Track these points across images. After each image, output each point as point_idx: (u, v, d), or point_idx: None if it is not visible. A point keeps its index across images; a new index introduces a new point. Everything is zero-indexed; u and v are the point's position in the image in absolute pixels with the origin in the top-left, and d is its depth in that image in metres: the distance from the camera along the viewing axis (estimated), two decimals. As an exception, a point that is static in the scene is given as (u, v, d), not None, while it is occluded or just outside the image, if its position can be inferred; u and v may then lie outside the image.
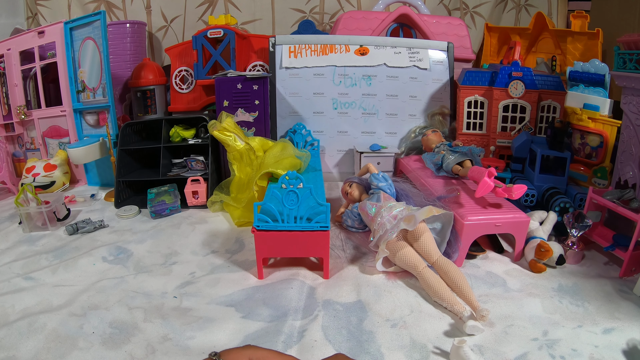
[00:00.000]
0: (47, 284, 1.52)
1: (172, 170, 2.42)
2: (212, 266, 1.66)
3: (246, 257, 1.73)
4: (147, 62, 2.97)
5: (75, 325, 1.29)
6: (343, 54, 2.67)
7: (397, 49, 2.68)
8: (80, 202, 2.38)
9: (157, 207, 2.12)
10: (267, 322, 1.32)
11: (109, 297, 1.44)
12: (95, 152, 2.42)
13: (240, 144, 2.11)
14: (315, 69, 2.66)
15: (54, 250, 1.79)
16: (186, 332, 1.27)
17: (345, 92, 2.68)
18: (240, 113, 2.43)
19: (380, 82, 2.68)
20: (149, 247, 1.82)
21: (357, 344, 1.22)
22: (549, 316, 1.35)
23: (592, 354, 1.17)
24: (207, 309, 1.39)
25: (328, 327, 1.30)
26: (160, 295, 1.46)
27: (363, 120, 2.70)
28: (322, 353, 1.17)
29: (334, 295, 1.46)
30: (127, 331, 1.27)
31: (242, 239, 1.90)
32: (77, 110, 2.62)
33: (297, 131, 2.60)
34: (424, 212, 1.55)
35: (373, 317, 1.35)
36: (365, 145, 2.61)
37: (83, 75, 2.57)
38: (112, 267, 1.66)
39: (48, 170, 2.52)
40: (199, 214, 2.18)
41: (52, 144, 2.72)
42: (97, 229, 1.99)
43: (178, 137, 2.37)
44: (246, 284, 1.54)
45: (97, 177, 2.67)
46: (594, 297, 1.44)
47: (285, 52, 2.65)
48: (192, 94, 2.89)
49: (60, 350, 1.19)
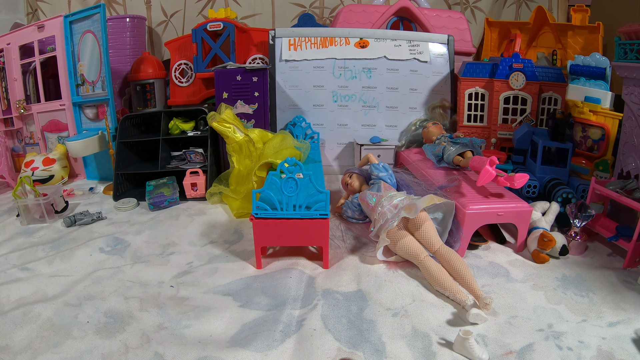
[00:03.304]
0: (43, 275, 1.51)
1: (171, 162, 2.41)
2: (210, 256, 1.65)
3: (245, 248, 1.71)
4: (146, 56, 2.95)
5: (70, 314, 1.27)
6: (343, 46, 2.65)
7: (397, 42, 2.66)
8: (78, 195, 2.37)
9: (155, 199, 2.10)
10: (265, 311, 1.30)
11: (104, 286, 1.43)
12: (94, 145, 2.40)
13: (239, 135, 2.09)
14: (315, 61, 2.64)
15: (51, 242, 1.77)
16: (182, 321, 1.25)
17: (346, 85, 2.66)
18: (240, 105, 2.41)
19: (380, 74, 2.66)
20: (146, 238, 1.80)
21: (357, 333, 1.20)
22: (553, 307, 1.32)
23: (599, 345, 1.15)
24: (204, 298, 1.37)
25: (328, 316, 1.28)
26: (157, 285, 1.44)
27: (363, 113, 2.68)
28: (321, 342, 1.16)
29: (333, 284, 1.44)
30: (122, 320, 1.25)
31: (240, 229, 1.88)
32: (76, 104, 2.60)
33: (296, 124, 2.58)
34: (425, 200, 1.53)
35: (374, 307, 1.33)
36: (366, 138, 2.60)
37: (82, 68, 2.56)
38: (109, 257, 1.64)
39: (47, 165, 2.51)
40: (198, 206, 2.16)
41: (51, 138, 2.70)
42: (94, 221, 1.98)
43: (177, 130, 2.35)
44: (244, 273, 1.52)
45: (96, 171, 2.65)
46: (599, 288, 1.42)
47: (285, 45, 2.64)
48: (191, 88, 2.87)
49: (54, 339, 1.17)
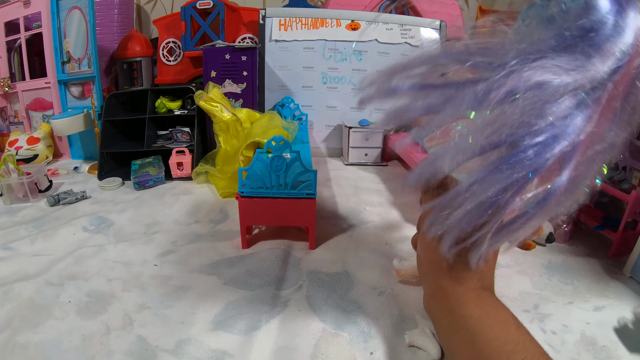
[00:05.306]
0: (25, 254, 1.48)
1: (157, 141, 2.37)
2: (194, 235, 1.63)
3: (230, 227, 1.69)
4: (134, 33, 2.90)
5: (52, 294, 1.25)
6: (334, 28, 2.61)
7: (389, 25, 2.64)
8: (63, 175, 2.33)
9: (140, 179, 2.07)
10: (249, 291, 1.28)
11: (87, 266, 1.40)
12: (79, 124, 2.36)
13: (227, 115, 2.06)
14: (306, 42, 2.60)
15: (33, 221, 1.74)
16: (165, 302, 1.23)
17: (335, 67, 2.63)
18: (228, 84, 2.38)
19: (371, 57, 2.63)
20: (130, 217, 1.78)
21: (342, 313, 1.19)
22: (538, 292, 1.32)
23: (583, 330, 1.14)
24: (188, 277, 1.35)
25: (313, 296, 1.26)
26: (140, 264, 1.42)
27: (353, 95, 2.66)
28: (306, 323, 1.14)
29: (319, 265, 1.43)
30: (105, 300, 1.23)
31: (226, 209, 1.86)
32: (61, 82, 2.56)
33: (285, 105, 2.55)
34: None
35: (359, 287, 1.32)
36: (354, 121, 2.58)
37: (68, 45, 2.51)
38: (92, 236, 1.61)
39: (31, 144, 2.47)
40: (184, 186, 2.14)
41: (35, 117, 2.66)
42: (79, 200, 1.95)
43: (164, 109, 2.32)
44: (229, 253, 1.50)
45: (81, 150, 2.62)
46: (584, 276, 1.41)
47: (276, 25, 2.60)
48: (179, 66, 2.83)
49: (34, 319, 1.14)
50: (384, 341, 1.08)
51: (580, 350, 1.06)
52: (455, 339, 0.77)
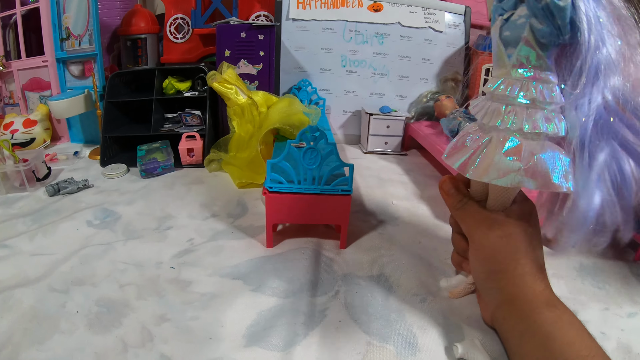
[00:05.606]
0: (24, 253, 1.32)
1: (165, 125, 2.21)
2: (213, 232, 1.47)
3: (250, 223, 1.54)
4: (138, 8, 2.72)
5: (56, 303, 1.09)
6: (355, 8, 2.46)
7: (413, 8, 2.49)
8: (62, 160, 2.17)
9: (147, 166, 1.91)
10: (282, 298, 1.13)
11: (95, 268, 1.24)
12: (79, 105, 2.20)
13: (242, 97, 1.90)
14: (325, 22, 2.45)
15: (32, 214, 1.58)
16: (188, 312, 1.08)
17: (356, 50, 2.48)
18: (243, 64, 2.21)
19: (392, 41, 2.48)
20: (139, 209, 1.62)
21: (386, 324, 1.06)
22: (574, 297, 1.21)
23: (619, 337, 1.05)
24: (211, 282, 1.20)
25: (352, 304, 1.12)
26: (155, 266, 1.26)
27: (373, 80, 2.51)
28: (348, 335, 1.01)
29: (353, 267, 1.29)
30: (118, 311, 1.07)
31: (244, 202, 1.70)
32: (60, 60, 2.39)
33: (302, 88, 2.40)
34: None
35: (399, 292, 1.18)
36: (374, 107, 2.44)
37: (68, 21, 2.34)
38: (98, 232, 1.45)
39: (27, 127, 2.30)
40: (195, 174, 1.98)
41: (32, 98, 2.50)
42: (80, 190, 1.79)
43: (172, 90, 2.16)
44: (253, 252, 1.35)
45: (81, 134, 2.46)
46: (614, 279, 1.31)
47: (293, 3, 2.44)
48: (187, 44, 2.65)
49: (38, 333, 0.99)
50: (432, 354, 0.96)
51: (617, 358, 0.98)
52: (529, 346, 0.78)
